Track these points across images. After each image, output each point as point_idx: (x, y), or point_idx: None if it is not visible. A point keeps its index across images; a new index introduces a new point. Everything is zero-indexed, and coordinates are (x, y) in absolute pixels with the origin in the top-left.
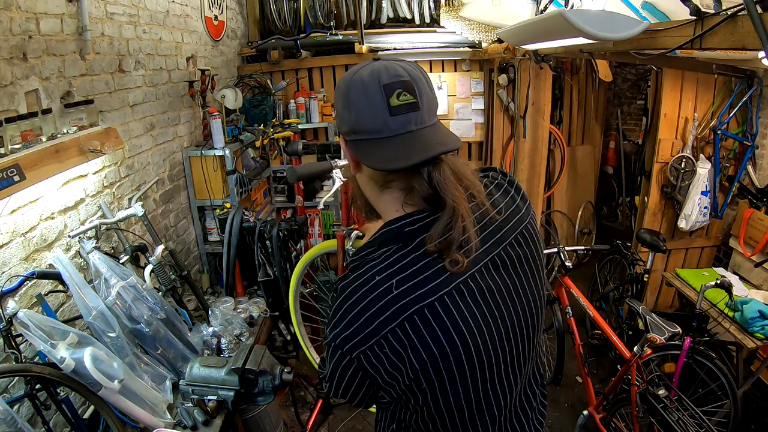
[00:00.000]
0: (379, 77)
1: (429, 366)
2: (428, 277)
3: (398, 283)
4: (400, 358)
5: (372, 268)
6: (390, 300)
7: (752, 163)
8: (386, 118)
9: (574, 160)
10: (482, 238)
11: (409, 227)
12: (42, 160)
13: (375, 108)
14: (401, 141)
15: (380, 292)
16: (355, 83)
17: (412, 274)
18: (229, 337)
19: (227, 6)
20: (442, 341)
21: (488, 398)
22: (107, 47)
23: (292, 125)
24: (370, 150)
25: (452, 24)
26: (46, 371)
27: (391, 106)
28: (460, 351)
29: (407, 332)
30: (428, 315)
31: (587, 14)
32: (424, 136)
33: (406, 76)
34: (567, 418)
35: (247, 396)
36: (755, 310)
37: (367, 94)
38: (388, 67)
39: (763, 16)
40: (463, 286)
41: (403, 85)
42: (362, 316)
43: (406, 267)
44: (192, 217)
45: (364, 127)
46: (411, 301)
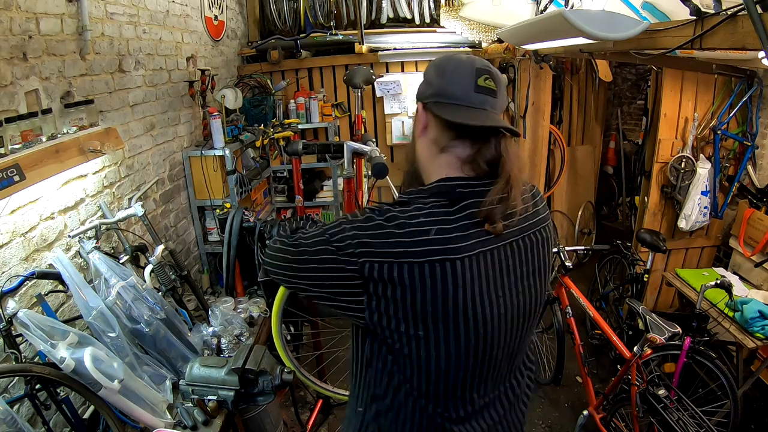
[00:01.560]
0: (473, 61)
1: (430, 314)
2: (463, 237)
3: (438, 231)
4: (408, 291)
5: (419, 209)
6: (425, 240)
7: (752, 163)
8: (470, 92)
9: (574, 160)
10: (519, 219)
11: (461, 189)
12: (42, 160)
13: (464, 81)
14: (478, 112)
15: (419, 231)
16: (452, 59)
17: (451, 229)
18: (229, 337)
19: (227, 6)
20: (451, 296)
21: (476, 370)
22: (107, 47)
23: (292, 125)
24: (451, 111)
25: (452, 24)
26: (46, 371)
27: (477, 84)
28: (462, 312)
29: (425, 273)
30: (449, 269)
31: (587, 14)
32: (495, 117)
33: (493, 70)
34: (567, 418)
35: (247, 396)
36: (755, 310)
37: (461, 69)
38: (482, 60)
39: (763, 16)
40: (487, 255)
41: (489, 74)
42: (392, 238)
43: (447, 222)
44: (192, 217)
45: (450, 93)
46: (442, 250)
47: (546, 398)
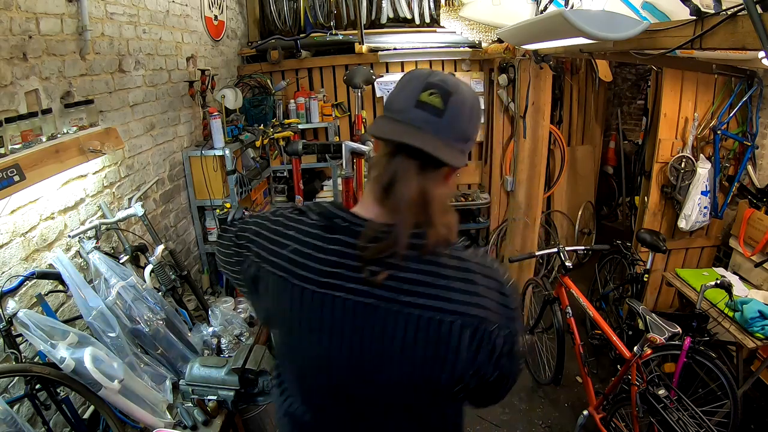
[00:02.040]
0: (429, 75)
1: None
2: (318, 270)
3: (294, 251)
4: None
5: (301, 222)
6: (279, 253)
7: (752, 163)
8: (410, 107)
9: (574, 160)
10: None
11: (338, 219)
12: (42, 160)
13: (408, 95)
14: (405, 127)
15: (281, 242)
16: (411, 72)
17: (306, 254)
18: (229, 337)
19: (227, 6)
20: (288, 317)
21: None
22: (107, 47)
23: (292, 125)
24: (381, 122)
25: (452, 24)
26: (46, 371)
27: (419, 99)
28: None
29: (268, 282)
30: (290, 290)
31: (587, 14)
32: (423, 135)
33: (452, 89)
34: (567, 418)
35: (247, 396)
36: (755, 310)
37: (410, 82)
38: (444, 76)
39: (763, 16)
40: (337, 302)
41: (441, 90)
42: (263, 240)
43: (310, 245)
44: (192, 217)
45: (391, 105)
46: (286, 268)
47: (546, 398)
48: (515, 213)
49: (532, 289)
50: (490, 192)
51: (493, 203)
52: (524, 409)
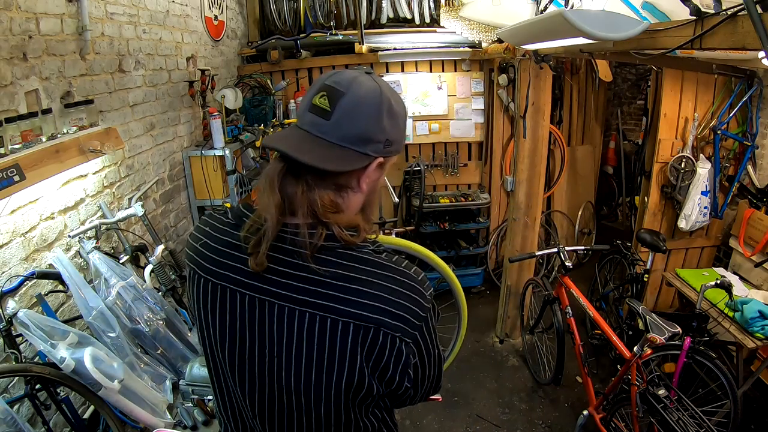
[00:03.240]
0: (327, 77)
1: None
2: (220, 263)
3: (203, 244)
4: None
5: (218, 221)
6: (192, 246)
7: (752, 163)
8: (305, 110)
9: (574, 160)
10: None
11: (245, 217)
12: (42, 160)
13: (306, 99)
14: (293, 133)
15: (197, 236)
16: (326, 74)
17: (214, 249)
18: None
19: (227, 6)
20: (196, 306)
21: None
22: (107, 47)
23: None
24: (285, 129)
25: (452, 24)
26: (46, 371)
27: (311, 102)
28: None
29: (188, 275)
30: (196, 281)
31: (587, 14)
32: (307, 140)
33: (345, 88)
34: (567, 418)
35: None
36: (755, 310)
37: (312, 86)
38: (343, 75)
39: (763, 16)
40: (236, 295)
41: (330, 92)
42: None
43: (218, 240)
44: (192, 217)
45: (299, 108)
46: (194, 260)
47: (546, 398)
48: (515, 213)
49: (532, 289)
50: (490, 192)
51: (493, 203)
52: (524, 409)
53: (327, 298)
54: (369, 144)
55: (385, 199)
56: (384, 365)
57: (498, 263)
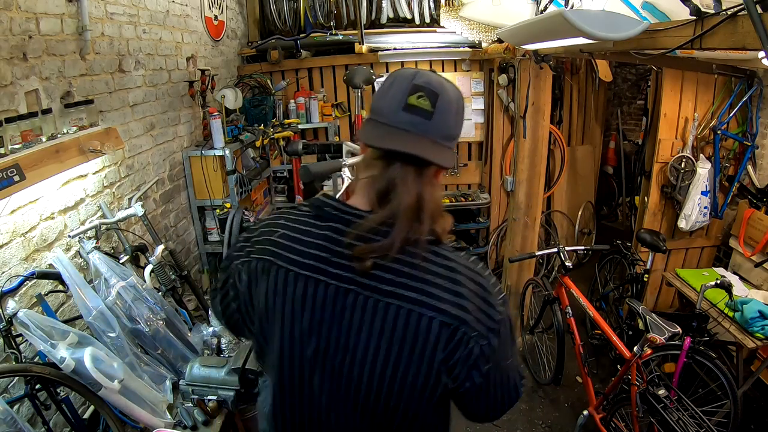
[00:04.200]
0: (414, 76)
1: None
2: (304, 252)
3: (282, 235)
4: (247, 284)
5: (289, 213)
6: (269, 240)
7: (752, 163)
8: (398, 110)
9: (574, 160)
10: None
11: (329, 209)
12: (42, 160)
13: (394, 97)
14: (395, 132)
15: (269, 230)
16: (395, 73)
17: (296, 239)
18: (229, 337)
19: (227, 6)
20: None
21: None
22: (107, 47)
23: (292, 125)
24: (369, 127)
25: (452, 24)
26: (46, 371)
27: (407, 102)
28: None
29: (256, 269)
30: (273, 274)
31: (587, 14)
32: (416, 140)
33: (438, 89)
34: (567, 418)
35: (247, 396)
36: (755, 310)
37: (395, 84)
38: (429, 76)
39: (763, 16)
40: (321, 286)
41: (427, 93)
42: (256, 236)
43: (299, 230)
44: (192, 217)
45: (378, 109)
46: (272, 252)
47: (546, 398)
48: (515, 213)
49: (532, 289)
50: (490, 192)
51: (493, 203)
52: (524, 409)
53: (415, 291)
54: (453, 141)
55: None
56: (454, 362)
57: (498, 263)
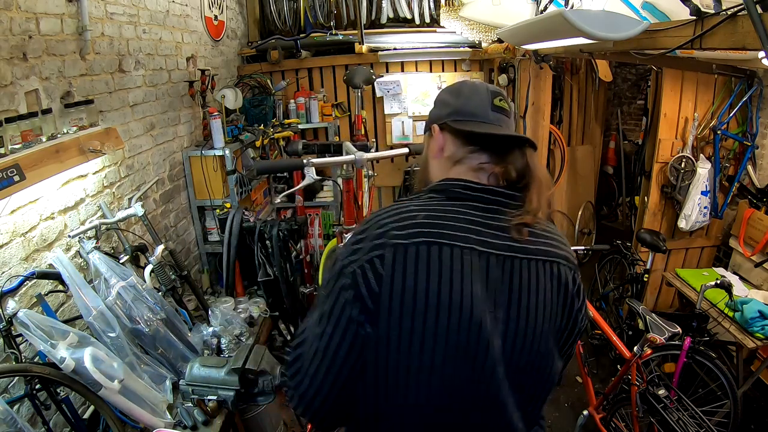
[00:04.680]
0: (486, 85)
1: (402, 304)
2: (456, 227)
3: (426, 216)
4: (383, 280)
5: (412, 201)
6: (413, 224)
7: (752, 163)
8: (488, 110)
9: (574, 160)
10: (534, 238)
11: (460, 189)
12: (42, 160)
13: (482, 100)
14: (495, 128)
15: (407, 215)
16: (466, 83)
17: (443, 218)
18: (229, 337)
19: (227, 6)
20: (436, 286)
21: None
22: (107, 47)
23: (292, 125)
24: (472, 126)
25: (452, 24)
26: (46, 371)
27: (493, 103)
28: (447, 308)
29: (408, 256)
30: (435, 252)
31: (587, 14)
32: (512, 132)
33: (504, 94)
34: (567, 418)
35: (247, 396)
36: (755, 310)
37: (477, 91)
38: (491, 84)
39: (763, 16)
40: (483, 256)
41: (502, 96)
42: (379, 223)
43: (440, 212)
44: (192, 217)
45: (469, 111)
46: (431, 233)
47: None
48: None
49: None
50: None
51: None
52: None
53: (550, 247)
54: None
55: (385, 199)
56: (579, 305)
57: None
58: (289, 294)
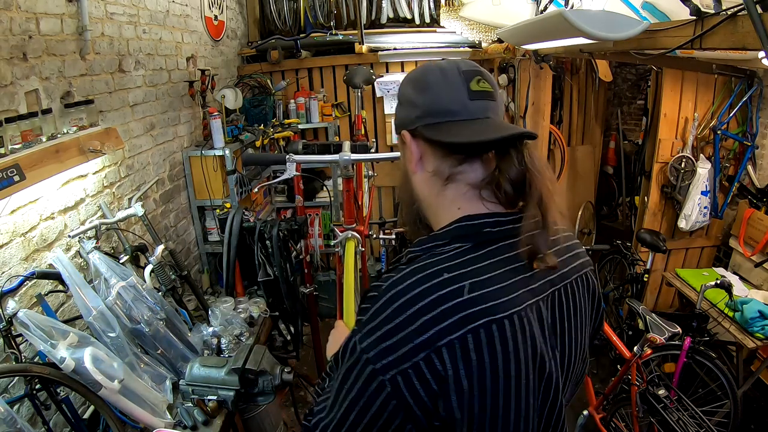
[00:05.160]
0: (457, 65)
1: (476, 399)
2: (505, 288)
3: (472, 286)
4: (447, 382)
5: (440, 263)
6: (458, 304)
7: (752, 163)
8: (466, 101)
9: (574, 160)
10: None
11: (490, 228)
12: (42, 160)
13: (455, 90)
14: (480, 124)
15: (448, 293)
16: (431, 69)
17: (488, 280)
18: (229, 337)
19: (227, 6)
20: (500, 369)
21: None
22: (107, 47)
23: (292, 125)
24: (449, 130)
25: (452, 24)
26: (46, 371)
27: (471, 90)
28: (512, 389)
29: (467, 348)
30: (495, 333)
31: (587, 14)
32: (502, 124)
33: (483, 70)
34: (567, 418)
35: (247, 396)
36: (755, 310)
37: (446, 77)
38: (464, 60)
39: (763, 16)
40: (534, 309)
41: (480, 74)
42: (417, 321)
43: (482, 271)
44: (192, 217)
45: (442, 108)
46: (483, 310)
47: None
48: None
49: None
50: None
51: None
52: None
53: (574, 258)
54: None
55: (385, 199)
56: (599, 296)
57: None
58: (289, 294)
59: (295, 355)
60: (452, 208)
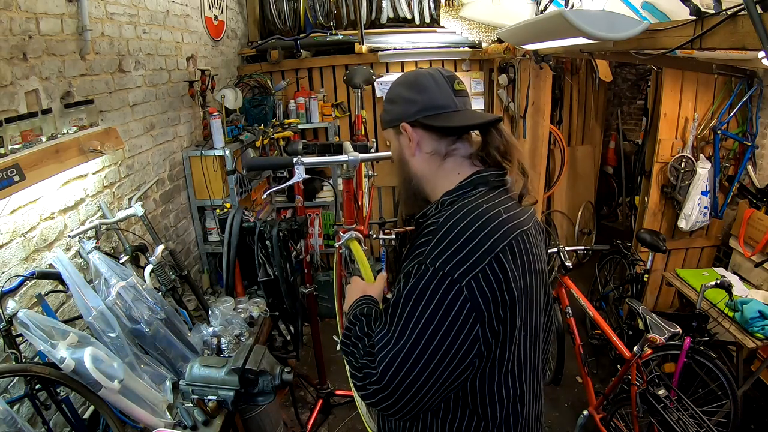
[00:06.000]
0: (440, 71)
1: (517, 296)
2: (517, 213)
3: (504, 210)
4: (504, 282)
5: (477, 199)
6: (501, 221)
7: (752, 163)
8: (453, 98)
9: (574, 160)
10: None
11: (493, 178)
12: (42, 160)
13: (444, 90)
14: (464, 113)
15: (492, 215)
16: (422, 74)
17: (507, 208)
18: (229, 337)
19: (227, 6)
20: (527, 271)
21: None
22: (107, 47)
23: (292, 125)
24: (445, 119)
25: (452, 24)
26: (46, 371)
27: (455, 89)
28: (534, 292)
29: (514, 253)
30: (526, 240)
31: (587, 14)
32: (478, 113)
33: (457, 75)
34: (567, 418)
35: (247, 396)
36: (755, 310)
37: (436, 81)
38: (442, 68)
39: (763, 16)
40: (529, 234)
41: (457, 78)
42: (477, 236)
43: (501, 203)
44: (192, 217)
45: (437, 104)
46: (516, 225)
47: (546, 398)
48: None
49: None
50: None
51: None
52: None
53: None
54: None
55: (385, 199)
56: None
57: None
58: (289, 294)
59: (295, 355)
60: (452, 174)
